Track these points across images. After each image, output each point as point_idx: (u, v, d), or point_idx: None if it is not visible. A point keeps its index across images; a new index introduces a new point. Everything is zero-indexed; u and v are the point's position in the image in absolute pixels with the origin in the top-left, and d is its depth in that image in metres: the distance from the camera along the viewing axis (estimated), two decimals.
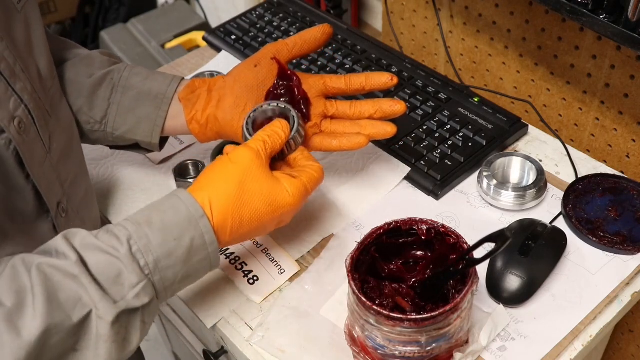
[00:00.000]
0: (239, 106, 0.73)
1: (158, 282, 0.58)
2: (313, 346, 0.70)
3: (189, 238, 0.59)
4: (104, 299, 0.53)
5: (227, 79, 0.75)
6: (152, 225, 0.58)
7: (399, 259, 0.69)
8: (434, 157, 0.87)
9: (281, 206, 0.64)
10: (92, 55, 0.79)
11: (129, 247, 0.56)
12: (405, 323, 0.59)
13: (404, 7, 1.18)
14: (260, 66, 0.74)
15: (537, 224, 0.76)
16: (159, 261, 0.57)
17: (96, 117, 0.76)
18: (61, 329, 0.52)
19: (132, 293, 0.55)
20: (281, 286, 0.76)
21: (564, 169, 0.87)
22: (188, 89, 0.76)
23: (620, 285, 0.74)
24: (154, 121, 0.76)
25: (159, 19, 1.91)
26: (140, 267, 0.56)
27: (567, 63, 0.94)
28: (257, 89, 0.74)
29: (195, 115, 0.75)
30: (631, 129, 0.89)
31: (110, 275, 0.55)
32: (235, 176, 0.63)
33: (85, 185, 0.75)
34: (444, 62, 1.16)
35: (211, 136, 0.77)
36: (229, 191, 0.62)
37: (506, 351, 0.69)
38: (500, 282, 0.72)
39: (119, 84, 0.76)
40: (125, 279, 0.55)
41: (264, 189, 0.63)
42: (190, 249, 0.59)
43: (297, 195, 0.65)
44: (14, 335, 0.49)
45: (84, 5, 2.25)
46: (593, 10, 0.74)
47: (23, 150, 0.59)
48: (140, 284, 0.55)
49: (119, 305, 0.54)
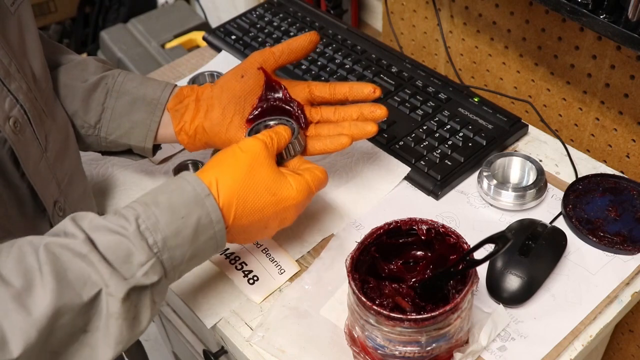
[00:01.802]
0: (226, 117, 0.74)
1: (166, 261, 0.58)
2: (313, 346, 0.70)
3: (195, 217, 0.59)
4: (113, 276, 0.53)
5: (214, 88, 0.76)
6: (159, 205, 0.58)
7: (399, 259, 0.69)
8: (434, 157, 0.87)
9: (285, 198, 0.65)
10: (86, 60, 0.79)
11: (137, 225, 0.56)
12: (405, 323, 0.59)
13: (404, 7, 1.18)
14: (247, 76, 0.75)
15: (537, 224, 0.76)
16: (167, 240, 0.57)
17: (90, 121, 0.76)
18: (71, 307, 0.51)
19: (141, 271, 0.55)
20: (281, 286, 0.76)
21: (564, 169, 0.87)
22: (176, 98, 0.77)
23: (620, 285, 0.74)
24: (147, 126, 0.77)
25: (159, 19, 1.91)
26: (149, 245, 0.56)
27: (567, 63, 0.94)
28: (245, 99, 0.75)
29: (184, 127, 0.76)
30: (631, 129, 0.89)
31: (119, 253, 0.55)
32: (244, 161, 0.64)
33: (82, 185, 0.75)
34: (444, 62, 1.16)
35: (200, 146, 0.77)
36: (236, 174, 0.63)
37: (506, 351, 0.69)
38: (500, 282, 0.72)
39: (113, 89, 0.77)
40: (135, 257, 0.55)
41: (270, 178, 0.64)
42: (197, 228, 0.59)
43: (300, 191, 0.66)
44: (24, 314, 0.49)
45: (84, 5, 2.25)
46: (593, 10, 0.74)
47: (18, 150, 0.59)
48: (149, 262, 0.56)
49: (129, 282, 0.54)
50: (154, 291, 0.57)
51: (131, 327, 0.55)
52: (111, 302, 0.53)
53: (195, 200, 0.60)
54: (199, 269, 0.78)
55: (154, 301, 0.57)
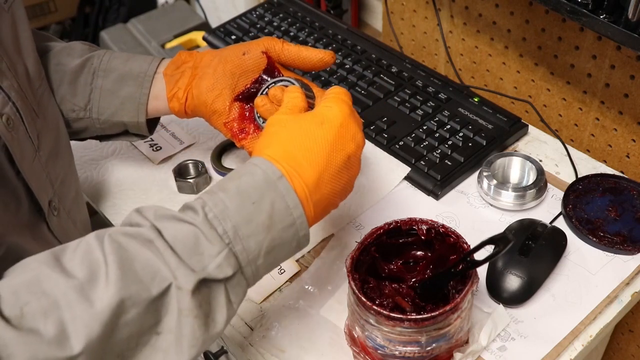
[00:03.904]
0: (216, 89, 0.73)
1: (241, 253, 0.53)
2: (313, 346, 0.70)
3: (268, 201, 0.54)
4: (181, 266, 0.49)
5: (214, 58, 0.75)
6: (227, 191, 0.54)
7: (399, 259, 0.69)
8: (434, 157, 0.86)
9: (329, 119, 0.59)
10: (72, 44, 0.79)
11: (204, 214, 0.52)
12: (405, 323, 0.59)
13: (404, 7, 1.18)
14: (248, 56, 0.73)
15: (537, 224, 0.76)
16: (238, 228, 0.52)
17: (80, 103, 0.76)
18: (138, 301, 0.48)
19: (213, 263, 0.51)
20: (281, 286, 0.76)
21: (564, 169, 0.87)
22: (173, 65, 0.76)
23: (620, 285, 0.74)
24: (137, 100, 0.76)
25: (159, 19, 1.91)
26: (219, 235, 0.52)
27: (567, 63, 0.94)
28: (239, 77, 0.73)
29: (177, 93, 0.75)
30: (631, 129, 0.89)
31: (188, 243, 0.51)
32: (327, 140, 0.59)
33: (75, 187, 0.75)
34: (444, 62, 1.16)
35: (190, 113, 0.76)
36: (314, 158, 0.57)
37: (506, 351, 0.69)
38: (500, 282, 0.72)
39: (100, 68, 0.76)
40: (205, 247, 0.51)
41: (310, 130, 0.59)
42: (271, 214, 0.54)
43: (336, 109, 0.60)
44: (86, 306, 0.46)
45: (84, 5, 2.25)
46: (593, 10, 0.74)
47: (13, 147, 0.59)
48: (222, 254, 0.51)
49: (199, 274, 0.50)
50: (228, 287, 0.52)
51: (205, 327, 0.51)
52: (181, 297, 0.49)
53: (267, 183, 0.55)
54: None
55: (229, 300, 0.52)
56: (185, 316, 0.49)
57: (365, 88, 0.98)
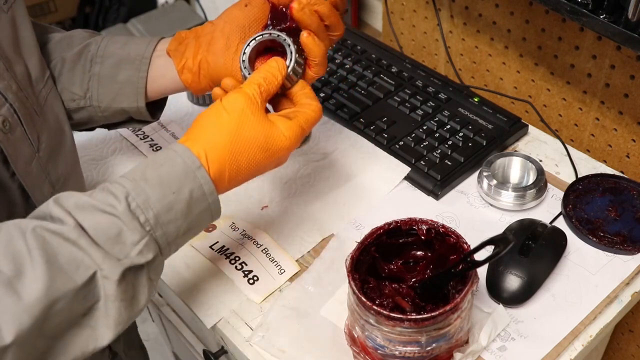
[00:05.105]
0: (231, 47, 0.71)
1: (160, 237, 0.56)
2: (313, 346, 0.70)
3: (187, 190, 0.57)
4: (107, 259, 0.52)
5: (216, 22, 0.73)
6: (148, 181, 0.56)
7: (399, 259, 0.69)
8: (434, 157, 0.87)
9: (277, 150, 0.63)
10: (72, 33, 0.78)
11: (127, 204, 0.54)
12: (405, 323, 0.59)
13: (404, 7, 1.18)
14: (251, 5, 0.72)
15: (537, 224, 0.76)
16: (159, 216, 0.56)
17: (79, 92, 0.75)
18: (65, 292, 0.50)
19: (134, 250, 0.54)
20: (281, 286, 0.76)
21: (564, 169, 0.87)
22: (175, 41, 0.75)
23: (620, 285, 0.74)
24: (135, 84, 0.75)
25: (159, 19, 1.91)
26: (141, 224, 0.55)
27: (567, 63, 0.94)
28: (249, 28, 0.71)
29: (186, 64, 0.73)
30: (631, 129, 0.89)
31: (110, 234, 0.53)
32: (230, 125, 0.61)
33: (79, 187, 0.74)
34: (444, 62, 1.16)
35: (205, 84, 0.74)
36: (224, 141, 0.61)
37: (506, 351, 0.69)
38: (500, 282, 0.72)
39: (97, 54, 0.75)
40: (127, 237, 0.54)
41: (260, 135, 0.62)
42: (190, 202, 0.58)
43: (293, 138, 0.64)
44: (14, 299, 0.48)
45: (84, 5, 2.25)
46: (593, 10, 0.74)
47: (7, 149, 0.59)
48: (143, 241, 0.54)
49: (123, 262, 0.53)
50: (149, 269, 0.56)
51: (130, 307, 0.55)
52: (107, 285, 0.52)
53: (186, 173, 0.58)
54: (199, 269, 0.78)
55: (150, 279, 0.56)
56: (112, 301, 0.53)
57: (365, 88, 0.98)
